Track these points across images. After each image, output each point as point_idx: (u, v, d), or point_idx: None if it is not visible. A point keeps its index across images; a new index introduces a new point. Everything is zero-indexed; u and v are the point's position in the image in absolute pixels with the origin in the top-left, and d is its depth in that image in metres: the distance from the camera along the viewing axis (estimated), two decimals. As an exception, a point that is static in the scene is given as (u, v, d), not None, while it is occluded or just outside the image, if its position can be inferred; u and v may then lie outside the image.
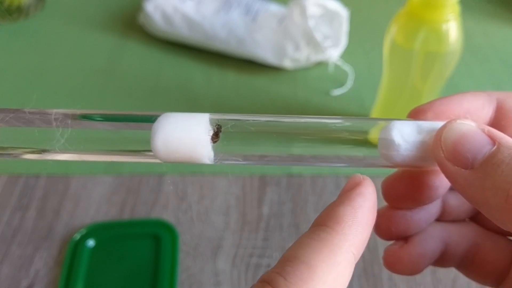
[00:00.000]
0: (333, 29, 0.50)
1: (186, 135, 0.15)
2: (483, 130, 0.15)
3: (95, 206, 0.39)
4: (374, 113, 0.44)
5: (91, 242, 0.37)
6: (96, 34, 0.58)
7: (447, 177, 0.15)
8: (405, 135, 0.16)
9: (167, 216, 0.39)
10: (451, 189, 0.19)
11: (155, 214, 0.39)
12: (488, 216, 0.15)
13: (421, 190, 0.18)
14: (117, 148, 0.17)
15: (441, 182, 0.18)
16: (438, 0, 0.33)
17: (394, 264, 0.19)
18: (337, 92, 0.50)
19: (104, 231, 0.37)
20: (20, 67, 0.53)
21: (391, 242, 0.20)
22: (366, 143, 0.17)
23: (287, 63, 0.51)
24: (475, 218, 0.21)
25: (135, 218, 0.39)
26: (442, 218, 0.20)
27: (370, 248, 0.37)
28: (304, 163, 0.17)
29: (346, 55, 0.53)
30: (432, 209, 0.20)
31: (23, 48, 0.56)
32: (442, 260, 0.20)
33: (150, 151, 0.16)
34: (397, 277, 0.35)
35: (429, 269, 0.35)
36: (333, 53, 0.51)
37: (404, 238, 0.20)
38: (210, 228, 0.38)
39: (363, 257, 0.36)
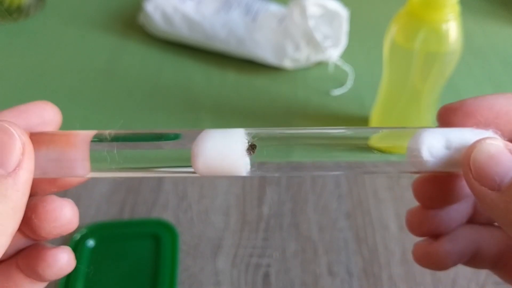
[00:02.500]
0: (333, 29, 0.50)
1: (226, 154, 0.16)
2: (510, 151, 0.16)
3: (95, 206, 0.39)
4: (374, 113, 0.44)
5: (91, 242, 0.37)
6: (96, 34, 0.58)
7: (475, 195, 0.16)
8: (433, 152, 0.17)
9: (167, 216, 0.39)
10: None
11: (155, 214, 0.39)
12: None
13: (449, 190, 0.19)
14: (157, 165, 0.18)
15: None
16: (438, 0, 0.33)
17: (421, 258, 0.21)
18: (337, 92, 0.50)
19: (104, 231, 0.37)
20: (20, 67, 0.53)
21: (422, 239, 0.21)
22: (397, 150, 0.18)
23: (287, 63, 0.51)
24: None
25: (135, 218, 0.39)
26: (474, 220, 0.21)
27: (370, 248, 0.37)
28: (340, 171, 0.18)
29: (346, 55, 0.53)
30: (463, 210, 0.20)
31: (23, 48, 0.56)
32: (474, 261, 0.21)
33: (189, 166, 0.17)
34: (397, 277, 0.35)
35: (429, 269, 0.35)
36: (333, 53, 0.51)
37: (435, 236, 0.20)
38: (210, 228, 0.38)
39: (362, 257, 0.36)
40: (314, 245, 0.37)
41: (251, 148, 0.16)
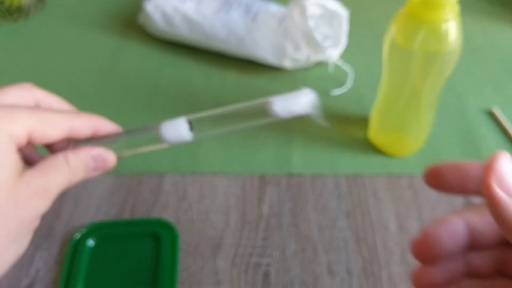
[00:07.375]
0: (333, 29, 0.50)
1: (177, 130, 0.29)
2: None
3: (95, 206, 0.40)
4: (374, 113, 0.44)
5: (91, 242, 0.37)
6: (96, 34, 0.58)
7: (494, 209, 0.17)
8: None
9: (167, 216, 0.39)
10: (471, 249, 0.21)
11: (155, 214, 0.39)
12: None
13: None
14: (139, 145, 0.30)
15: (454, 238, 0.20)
16: (437, 0, 0.33)
17: None
18: (337, 92, 0.50)
19: (104, 230, 0.38)
20: (20, 67, 0.53)
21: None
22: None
23: (287, 63, 0.51)
24: (504, 272, 0.21)
25: (135, 218, 0.39)
26: (470, 276, 0.21)
27: (369, 247, 0.37)
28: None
29: (346, 55, 0.53)
30: (457, 263, 0.21)
31: (23, 48, 0.56)
32: None
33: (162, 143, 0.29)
34: (397, 277, 0.35)
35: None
36: (333, 53, 0.51)
37: None
38: (210, 228, 0.38)
39: (362, 257, 0.36)
40: (314, 244, 0.37)
41: (190, 125, 0.28)
